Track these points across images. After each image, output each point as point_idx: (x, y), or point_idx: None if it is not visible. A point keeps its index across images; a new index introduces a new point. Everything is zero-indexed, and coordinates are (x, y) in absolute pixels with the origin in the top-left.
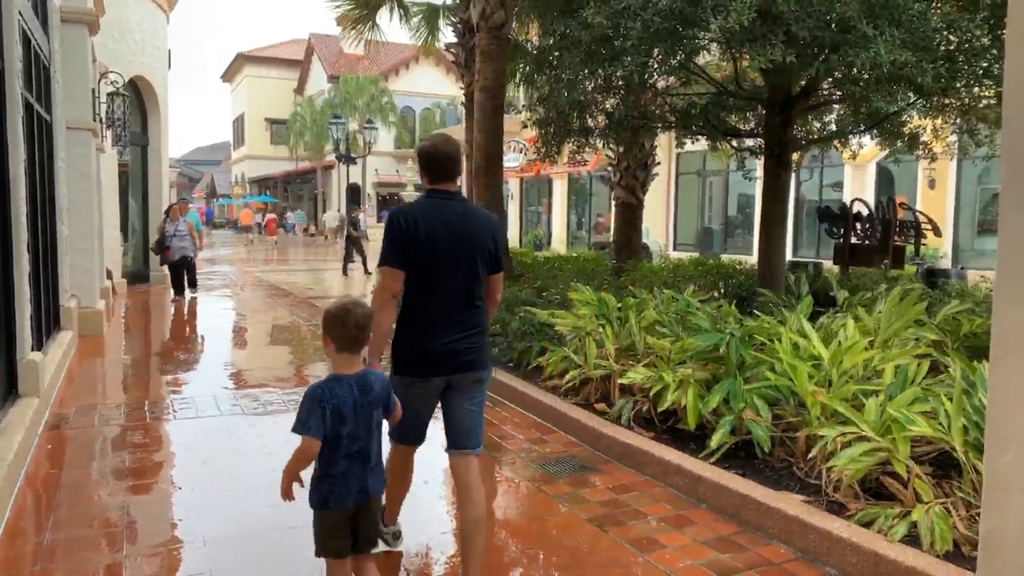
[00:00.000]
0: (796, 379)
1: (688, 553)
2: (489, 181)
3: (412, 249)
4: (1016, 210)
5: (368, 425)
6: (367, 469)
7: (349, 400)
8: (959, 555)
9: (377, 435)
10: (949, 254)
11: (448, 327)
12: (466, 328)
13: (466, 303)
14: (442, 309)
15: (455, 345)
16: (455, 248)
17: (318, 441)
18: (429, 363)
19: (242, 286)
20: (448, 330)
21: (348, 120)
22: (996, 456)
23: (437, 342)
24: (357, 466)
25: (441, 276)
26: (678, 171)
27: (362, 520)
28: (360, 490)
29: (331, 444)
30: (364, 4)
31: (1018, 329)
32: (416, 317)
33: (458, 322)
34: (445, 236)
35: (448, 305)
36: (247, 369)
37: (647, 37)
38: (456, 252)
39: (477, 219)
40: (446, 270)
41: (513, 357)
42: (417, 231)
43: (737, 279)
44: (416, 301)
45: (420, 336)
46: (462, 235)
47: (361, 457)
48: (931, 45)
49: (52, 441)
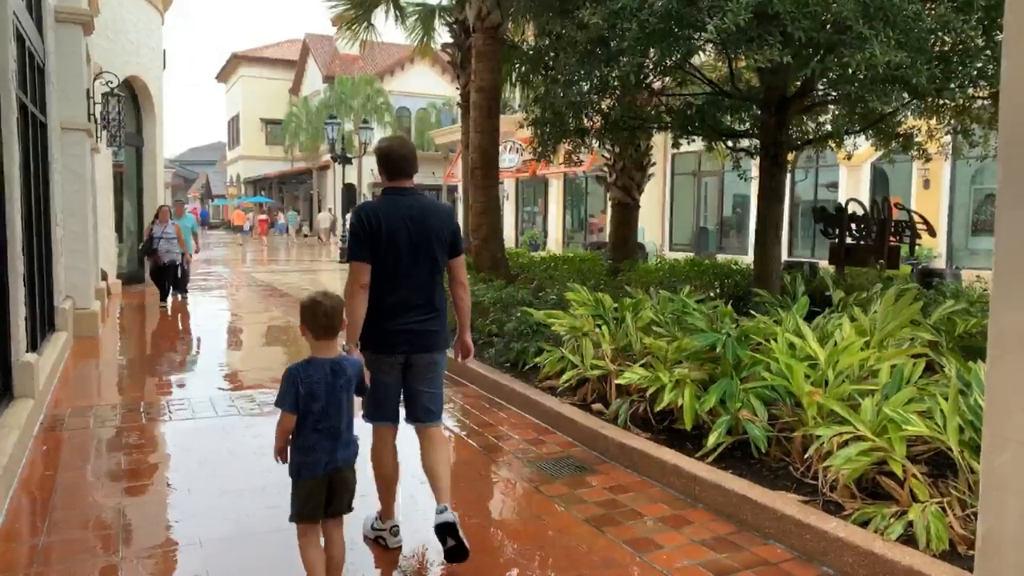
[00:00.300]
0: (792, 379)
1: (685, 553)
2: (485, 181)
3: (375, 243)
4: (1013, 210)
5: (339, 405)
6: (337, 444)
7: (322, 381)
8: (955, 554)
9: (348, 414)
10: (944, 254)
11: (409, 310)
12: (426, 311)
13: (427, 288)
14: (405, 294)
15: (415, 326)
16: (414, 239)
17: (293, 415)
18: (391, 342)
19: (237, 286)
20: (409, 312)
21: (344, 120)
22: (993, 456)
23: (398, 323)
24: (327, 441)
25: (403, 265)
26: (674, 171)
27: (336, 488)
28: (329, 462)
29: (303, 420)
30: (360, 4)
31: (1015, 329)
32: (382, 302)
33: (419, 305)
34: (405, 229)
35: (410, 290)
36: (243, 370)
37: (643, 37)
38: (416, 243)
39: (434, 212)
40: (408, 259)
41: (510, 358)
42: (379, 227)
43: (733, 279)
44: (382, 288)
45: (384, 318)
46: (420, 227)
47: (331, 433)
48: (926, 46)
49: (47, 443)
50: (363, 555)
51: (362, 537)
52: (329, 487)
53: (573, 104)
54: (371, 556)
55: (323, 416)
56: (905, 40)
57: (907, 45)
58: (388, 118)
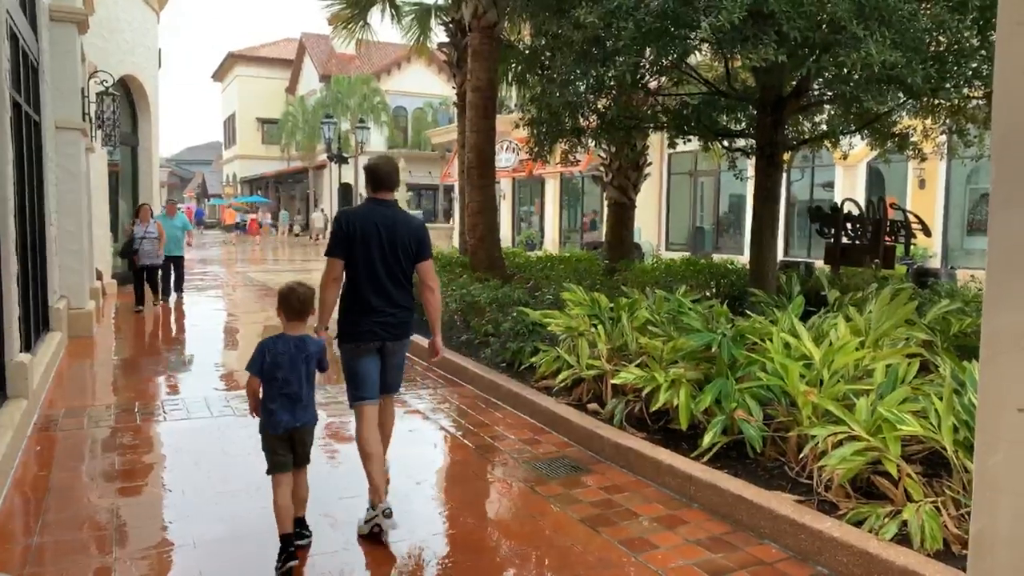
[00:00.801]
0: (787, 379)
1: (680, 553)
2: (482, 181)
3: (351, 243)
4: (1006, 210)
5: (300, 375)
6: (296, 407)
7: (286, 354)
8: (949, 554)
9: (309, 385)
10: (939, 254)
11: (380, 306)
12: (394, 306)
13: (394, 286)
14: (375, 291)
15: (388, 319)
16: (384, 244)
17: (257, 378)
18: (365, 333)
19: (233, 286)
20: (381, 308)
21: (340, 120)
22: (986, 456)
23: (371, 318)
24: (287, 404)
25: (374, 265)
26: (670, 171)
27: (296, 442)
28: (288, 422)
29: (269, 386)
30: (355, 4)
31: (1009, 330)
32: (355, 297)
33: (389, 302)
34: (376, 234)
35: (380, 288)
36: (238, 370)
37: (639, 37)
38: (385, 247)
39: (404, 222)
40: (379, 261)
41: (506, 357)
42: (354, 230)
43: (729, 279)
44: (356, 285)
45: (358, 313)
46: (390, 234)
47: (291, 398)
48: (921, 46)
49: (41, 443)
50: (359, 556)
51: (357, 538)
52: (291, 442)
53: (569, 104)
54: (367, 557)
55: (285, 383)
56: (900, 40)
57: (902, 45)
58: (385, 117)
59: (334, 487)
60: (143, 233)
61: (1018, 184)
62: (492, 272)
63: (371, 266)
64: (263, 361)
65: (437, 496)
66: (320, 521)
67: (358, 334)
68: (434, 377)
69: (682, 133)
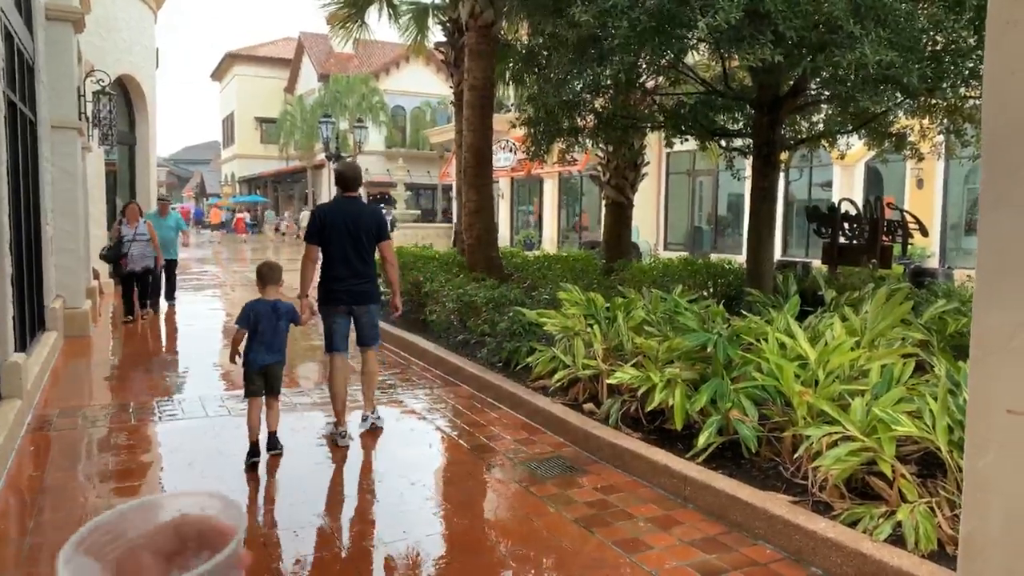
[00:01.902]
0: (783, 379)
1: (674, 554)
2: (479, 180)
3: (322, 230)
4: (996, 210)
5: (274, 329)
6: (271, 350)
7: (264, 312)
8: (943, 554)
9: (280, 337)
10: (936, 254)
11: (348, 277)
12: (358, 277)
13: (359, 262)
14: (343, 266)
15: (352, 288)
16: (349, 231)
17: (244, 330)
18: (338, 299)
19: (232, 285)
20: (348, 278)
21: (338, 119)
22: (976, 457)
23: (340, 287)
24: (263, 349)
25: (342, 247)
26: (668, 170)
27: (269, 376)
28: (263, 361)
29: (252, 336)
30: (353, 3)
31: (998, 330)
32: (329, 271)
33: (354, 274)
34: (343, 224)
35: (347, 264)
36: (234, 370)
37: (634, 36)
38: (352, 233)
39: (367, 212)
40: (347, 243)
41: (502, 357)
42: (324, 220)
43: (726, 279)
44: (329, 262)
45: (331, 282)
46: (355, 222)
47: (267, 346)
48: (917, 45)
49: (35, 443)
50: (351, 560)
51: (348, 547)
52: (265, 377)
53: (566, 103)
54: (370, 554)
55: (263, 334)
56: (896, 39)
57: (898, 44)
58: (383, 117)
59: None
60: (132, 235)
61: (1008, 184)
62: (489, 272)
63: (340, 247)
64: (248, 318)
65: (432, 496)
66: (315, 520)
67: (330, 300)
68: (430, 377)
69: (679, 133)
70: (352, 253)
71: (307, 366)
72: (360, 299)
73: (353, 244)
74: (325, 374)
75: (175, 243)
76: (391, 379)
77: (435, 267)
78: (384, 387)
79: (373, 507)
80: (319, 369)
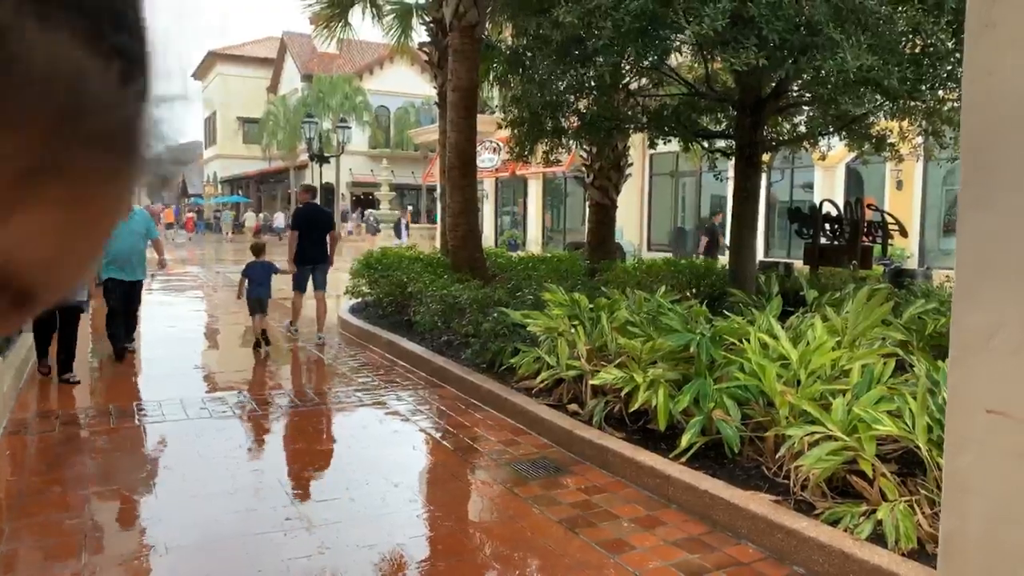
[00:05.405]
0: (765, 379)
1: (658, 554)
2: (463, 181)
3: (299, 223)
4: (975, 210)
5: (263, 278)
6: (261, 289)
7: (256, 269)
8: (923, 553)
9: (267, 282)
10: (916, 254)
11: (310, 250)
12: (319, 250)
13: (319, 243)
14: (310, 244)
15: (314, 255)
16: (312, 225)
17: (245, 278)
18: (305, 261)
19: (214, 287)
20: (312, 250)
21: (322, 119)
22: (955, 457)
23: (308, 255)
24: (257, 287)
25: (310, 233)
26: (651, 172)
27: (261, 302)
28: (256, 294)
29: (250, 281)
30: (337, 3)
31: (977, 330)
32: (302, 246)
33: (314, 248)
34: (311, 220)
35: (311, 243)
36: (216, 372)
37: (618, 37)
38: (316, 225)
39: (324, 213)
40: (313, 232)
41: (487, 358)
42: (300, 219)
43: (709, 279)
44: (303, 242)
45: (303, 251)
46: (316, 219)
47: (259, 287)
48: (897, 49)
49: (11, 447)
50: (336, 559)
51: (330, 542)
52: (259, 303)
53: (549, 104)
54: (353, 557)
55: (256, 280)
56: (877, 43)
57: (878, 48)
58: (367, 117)
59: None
60: None
61: (986, 185)
62: (473, 273)
63: (308, 233)
64: (248, 273)
65: (416, 498)
66: (297, 523)
67: (302, 261)
68: (414, 378)
69: (662, 134)
70: (316, 237)
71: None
72: (317, 262)
73: (315, 231)
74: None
75: (142, 257)
76: (375, 380)
77: (420, 267)
78: (368, 388)
79: (355, 510)
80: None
